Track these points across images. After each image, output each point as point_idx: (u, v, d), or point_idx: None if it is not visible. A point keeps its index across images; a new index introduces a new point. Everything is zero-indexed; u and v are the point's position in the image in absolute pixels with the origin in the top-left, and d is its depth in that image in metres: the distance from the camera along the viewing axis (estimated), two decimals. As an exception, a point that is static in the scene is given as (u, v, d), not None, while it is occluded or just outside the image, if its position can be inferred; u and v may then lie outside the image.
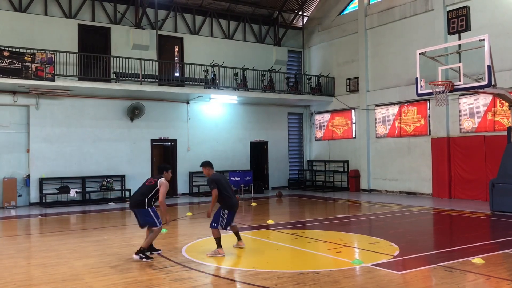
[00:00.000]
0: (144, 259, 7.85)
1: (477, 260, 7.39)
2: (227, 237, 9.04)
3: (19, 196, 16.65)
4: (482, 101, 16.29)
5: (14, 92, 16.57)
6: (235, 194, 8.86)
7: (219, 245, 8.12)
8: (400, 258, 7.76)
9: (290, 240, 9.72)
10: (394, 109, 19.49)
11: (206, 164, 8.69)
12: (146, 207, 8.07)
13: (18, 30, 17.14)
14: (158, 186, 8.18)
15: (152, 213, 8.08)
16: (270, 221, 12.07)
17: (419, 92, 12.51)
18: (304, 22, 24.15)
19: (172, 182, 19.69)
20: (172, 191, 19.59)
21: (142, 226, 8.28)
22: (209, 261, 7.76)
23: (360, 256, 7.93)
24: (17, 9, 17.31)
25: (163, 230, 10.87)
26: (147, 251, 8.08)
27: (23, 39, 16.95)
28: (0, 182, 16.37)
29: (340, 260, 7.75)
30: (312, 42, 23.96)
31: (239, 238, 8.75)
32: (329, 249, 8.67)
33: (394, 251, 8.24)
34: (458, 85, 11.67)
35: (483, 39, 11.04)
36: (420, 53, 12.49)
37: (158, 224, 8.08)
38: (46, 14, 17.84)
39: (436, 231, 11.53)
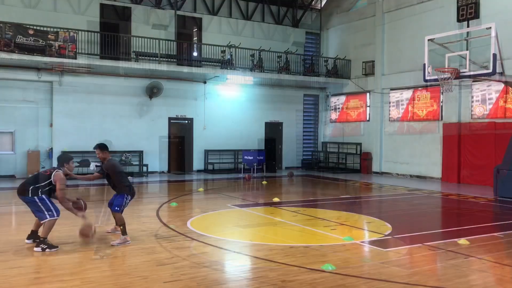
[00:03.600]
0: (47, 249, 6.86)
1: (462, 241, 7.78)
2: (232, 212, 9.57)
3: (42, 168, 17.55)
4: (494, 87, 16.31)
5: (38, 69, 17.34)
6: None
7: (125, 232, 7.52)
8: (390, 237, 8.20)
9: (290, 217, 10.22)
10: (408, 93, 19.62)
11: (104, 147, 7.73)
12: (30, 195, 6.94)
13: (42, 9, 17.81)
14: (53, 180, 7.02)
15: (39, 203, 6.95)
16: (275, 199, 12.60)
17: (426, 78, 12.73)
18: (322, 4, 24.22)
19: (188, 159, 20.44)
20: (188, 168, 20.38)
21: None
22: (210, 232, 8.35)
23: (352, 234, 8.40)
24: (42, -12, 17.99)
25: (172, 204, 11.53)
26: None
27: (47, 18, 17.63)
28: (25, 154, 17.34)
29: (332, 236, 8.24)
30: (330, 24, 24.04)
31: (117, 224, 7.83)
32: (325, 226, 9.15)
33: (386, 231, 8.67)
34: (464, 72, 11.85)
35: (490, 27, 11.18)
36: (428, 40, 12.66)
37: (47, 217, 6.95)
38: (69, -7, 18.49)
39: (434, 213, 11.88)
